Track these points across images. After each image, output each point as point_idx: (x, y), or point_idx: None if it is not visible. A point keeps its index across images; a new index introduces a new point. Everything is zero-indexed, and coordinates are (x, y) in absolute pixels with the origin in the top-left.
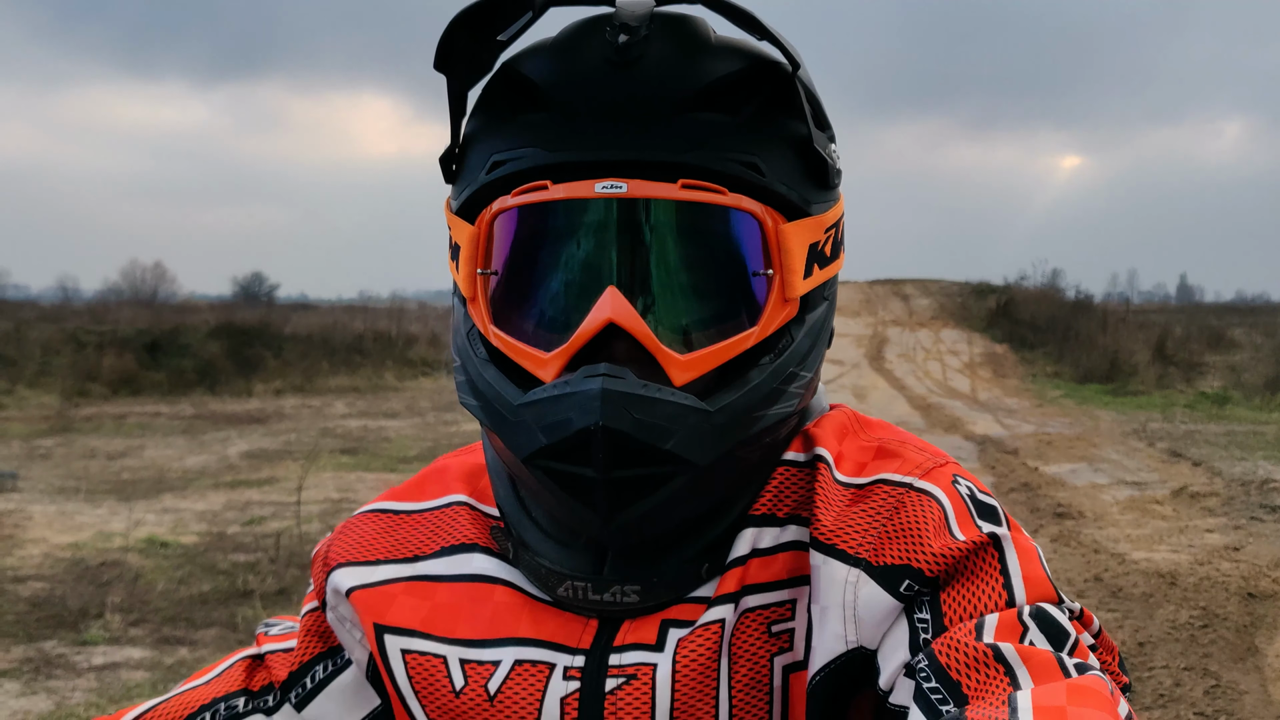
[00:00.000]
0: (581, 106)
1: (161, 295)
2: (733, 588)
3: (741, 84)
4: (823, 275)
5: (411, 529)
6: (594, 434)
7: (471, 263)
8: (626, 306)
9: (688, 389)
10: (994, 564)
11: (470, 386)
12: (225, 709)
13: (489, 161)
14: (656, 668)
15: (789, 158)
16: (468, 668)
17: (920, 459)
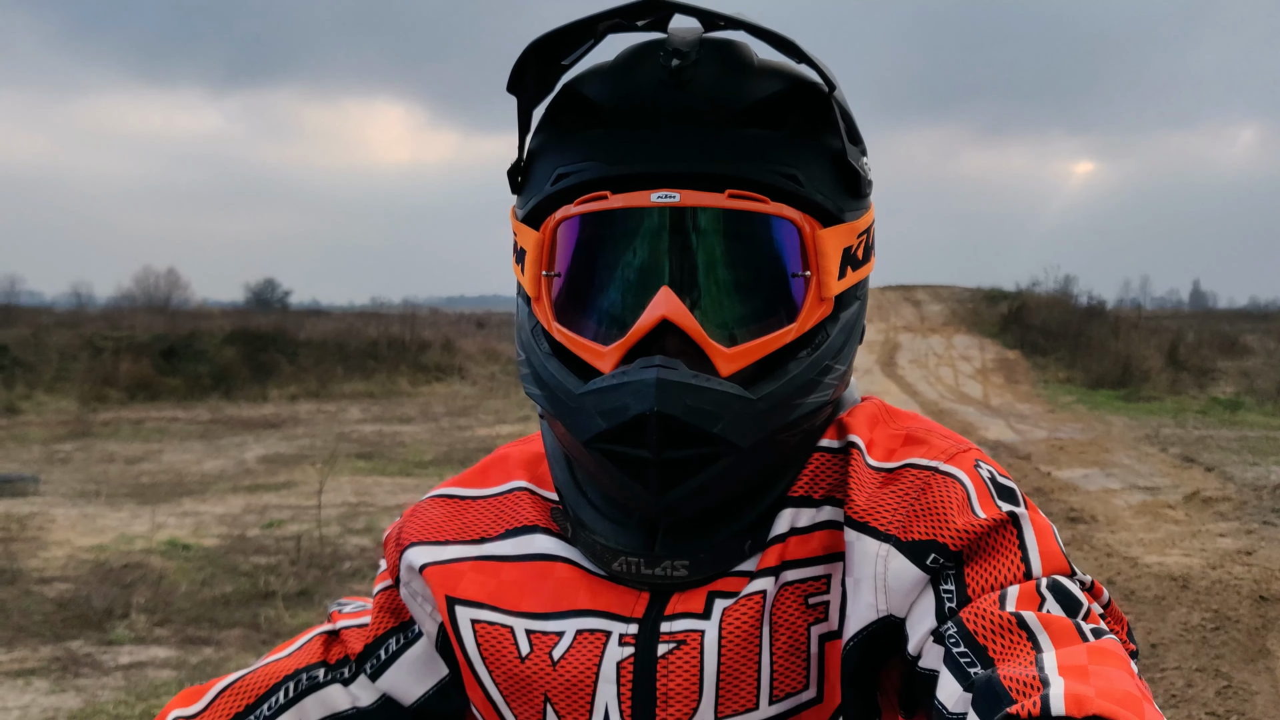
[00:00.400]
0: (638, 123)
1: (175, 302)
2: (773, 562)
3: (782, 102)
4: (855, 277)
5: (477, 513)
6: (649, 419)
7: (537, 265)
8: (679, 304)
9: (733, 379)
10: (1013, 540)
11: (535, 378)
12: (307, 679)
13: (554, 174)
14: (704, 634)
15: (825, 169)
16: (533, 637)
17: (945, 445)
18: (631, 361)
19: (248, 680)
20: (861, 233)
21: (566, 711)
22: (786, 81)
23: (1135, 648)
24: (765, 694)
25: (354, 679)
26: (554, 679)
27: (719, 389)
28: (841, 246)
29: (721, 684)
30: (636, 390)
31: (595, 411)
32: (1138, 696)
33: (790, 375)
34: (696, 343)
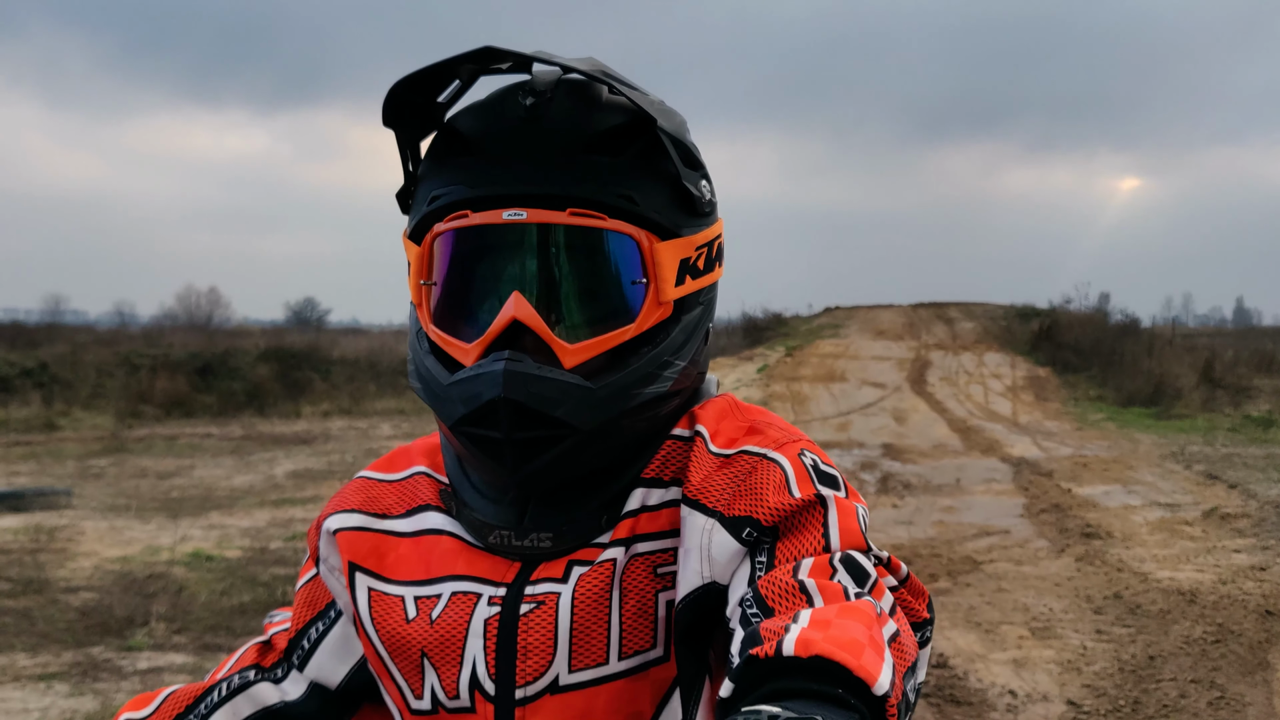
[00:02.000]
0: (498, 152)
1: (216, 320)
2: (625, 535)
3: (622, 133)
4: (695, 285)
5: (384, 493)
6: (499, 404)
7: (417, 275)
8: (527, 307)
9: (578, 371)
10: (818, 518)
11: (416, 373)
12: (238, 679)
13: (430, 196)
14: (560, 596)
15: (661, 191)
16: (419, 602)
17: (778, 435)
18: (488, 356)
19: (189, 688)
20: (701, 245)
21: (440, 664)
22: (626, 116)
23: (929, 616)
24: (615, 650)
25: (285, 677)
26: (430, 635)
27: (560, 379)
28: (679, 258)
29: (575, 640)
30: (489, 380)
31: (458, 399)
32: (862, 643)
33: (630, 368)
34: (544, 340)
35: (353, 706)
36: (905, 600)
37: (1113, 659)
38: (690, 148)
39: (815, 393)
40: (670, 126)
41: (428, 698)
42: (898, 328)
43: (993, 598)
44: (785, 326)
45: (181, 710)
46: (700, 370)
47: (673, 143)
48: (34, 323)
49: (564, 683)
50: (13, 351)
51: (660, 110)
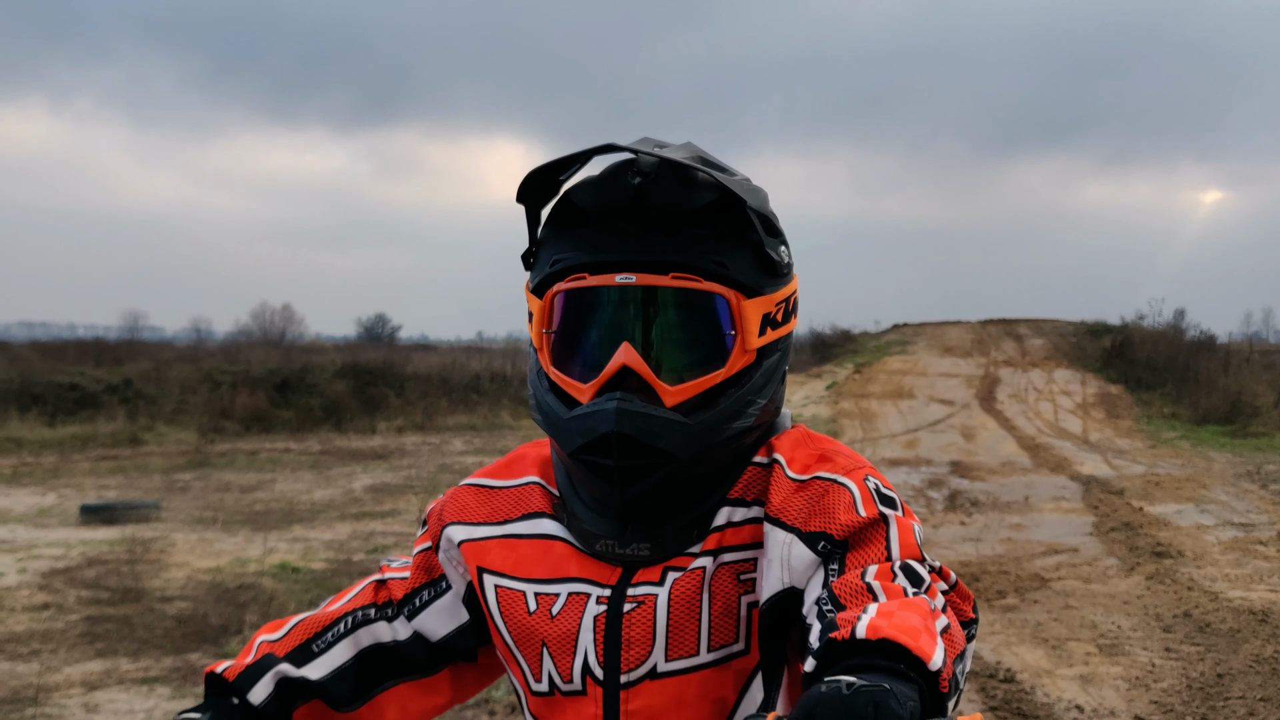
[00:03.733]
0: (610, 224)
1: (290, 336)
2: (713, 546)
3: (714, 209)
4: (775, 334)
5: (501, 500)
6: (611, 436)
7: (539, 325)
8: (635, 355)
9: (678, 409)
10: (881, 533)
11: (538, 407)
12: (360, 615)
13: (552, 259)
14: (658, 597)
15: (748, 257)
16: (539, 598)
17: (846, 463)
18: (601, 396)
19: (316, 616)
20: (780, 301)
21: (557, 653)
22: (718, 194)
23: (974, 617)
24: (704, 644)
25: (395, 618)
26: (551, 629)
27: (663, 415)
28: (762, 313)
29: (671, 634)
30: (603, 416)
31: (575, 432)
32: (919, 629)
33: (720, 407)
34: (649, 382)
35: (445, 660)
36: (954, 602)
37: (1181, 677)
38: (771, 218)
39: (883, 409)
40: (755, 202)
41: (546, 681)
42: (966, 344)
43: (1060, 614)
44: (853, 343)
45: (311, 635)
46: (777, 406)
47: (757, 216)
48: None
49: (661, 670)
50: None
51: (747, 189)
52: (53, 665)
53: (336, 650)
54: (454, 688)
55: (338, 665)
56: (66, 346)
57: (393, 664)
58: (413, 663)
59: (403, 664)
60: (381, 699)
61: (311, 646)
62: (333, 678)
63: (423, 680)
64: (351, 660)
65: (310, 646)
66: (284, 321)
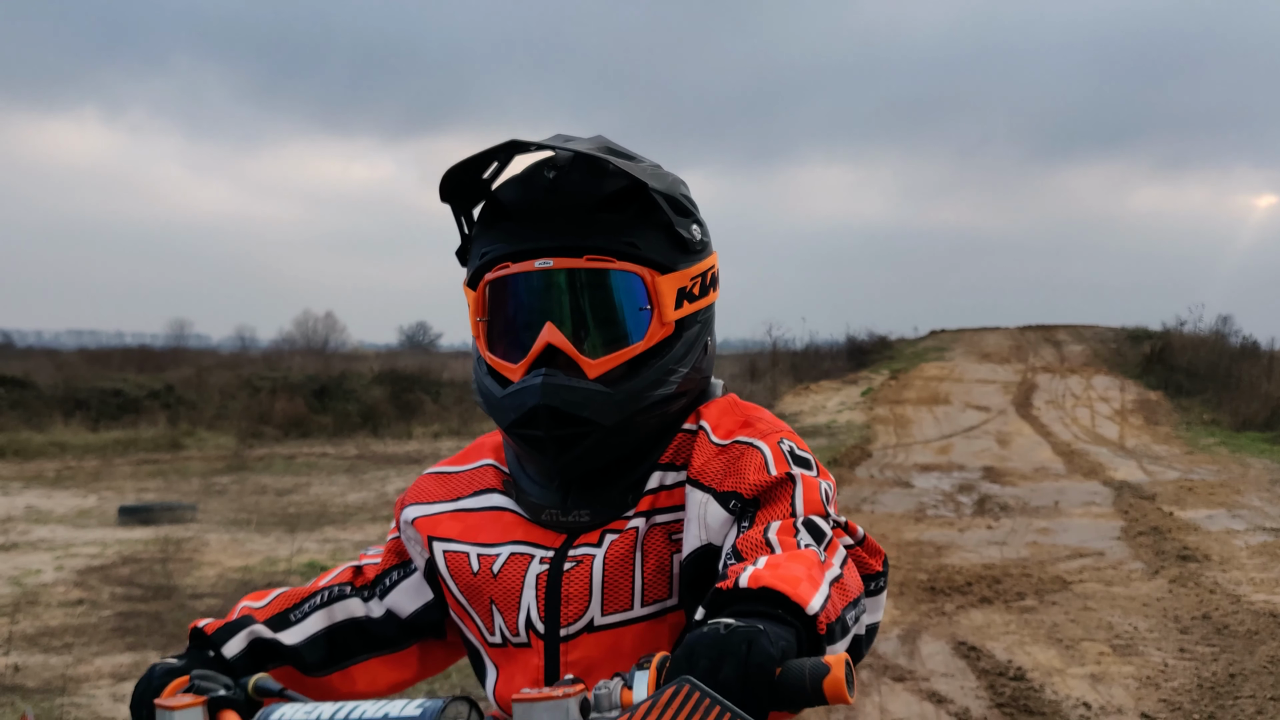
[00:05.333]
0: (529, 216)
1: (332, 345)
2: (646, 508)
3: (623, 196)
4: (692, 307)
5: (457, 481)
6: (539, 409)
7: (475, 314)
8: (557, 333)
9: (601, 380)
10: (789, 491)
11: (478, 389)
12: (337, 590)
13: (481, 253)
14: (595, 557)
15: (659, 237)
16: (481, 559)
17: (765, 428)
18: (530, 373)
19: (297, 590)
20: (695, 276)
21: (504, 608)
22: (626, 181)
23: (882, 570)
24: (638, 598)
25: (370, 598)
26: (495, 587)
27: (586, 387)
28: (677, 287)
29: (606, 590)
30: (530, 391)
31: (509, 408)
32: (800, 578)
33: (641, 376)
34: (572, 358)
35: (415, 636)
36: (860, 556)
37: (1193, 676)
38: (681, 200)
39: (918, 416)
40: (662, 186)
41: (498, 634)
42: (1004, 350)
43: (1078, 616)
44: (890, 350)
45: (290, 606)
46: (704, 375)
47: (664, 198)
48: (160, 347)
49: (598, 624)
50: (141, 374)
51: (652, 175)
52: (84, 658)
53: (311, 620)
54: (421, 663)
55: (311, 634)
56: (111, 354)
57: (365, 638)
58: (383, 638)
59: (374, 639)
60: (354, 670)
61: (289, 615)
62: (305, 645)
63: (392, 655)
64: (324, 631)
65: (288, 615)
66: (326, 329)
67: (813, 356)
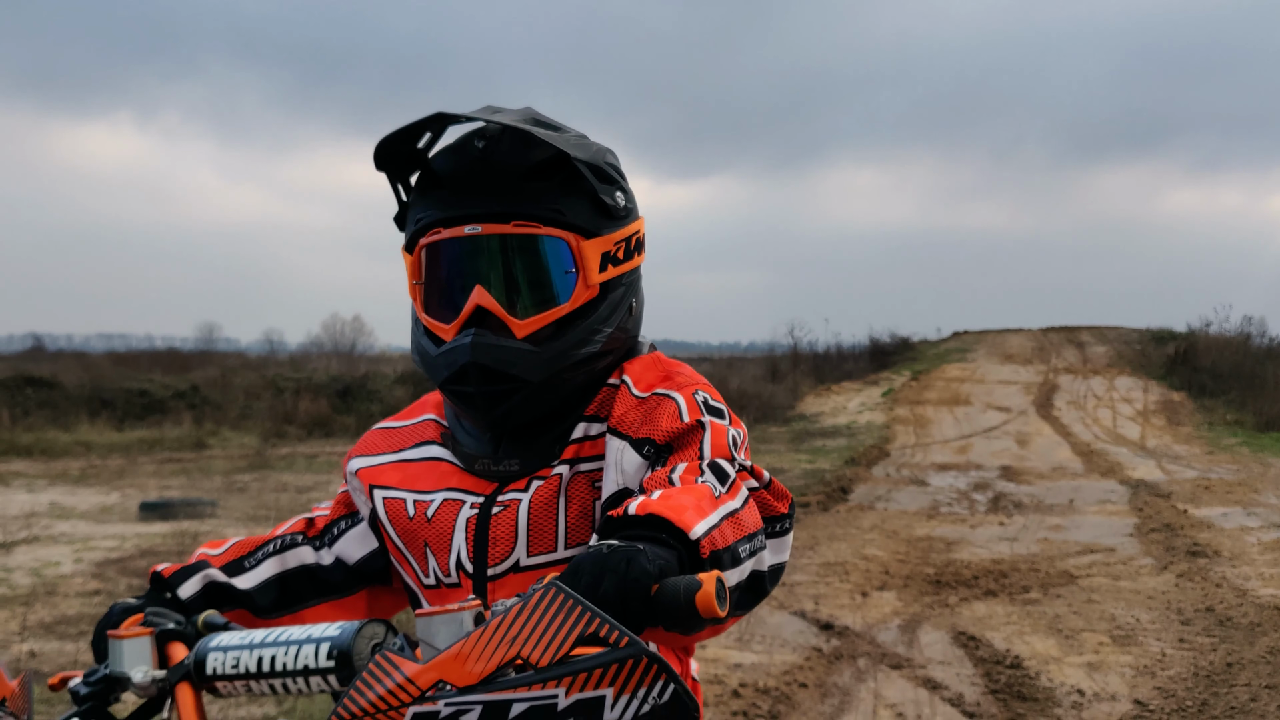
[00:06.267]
0: (460, 184)
1: (360, 348)
2: (570, 456)
3: (550, 165)
4: (617, 270)
5: (399, 435)
6: (469, 367)
7: (411, 277)
8: (486, 295)
9: (529, 340)
10: (698, 437)
11: (415, 349)
12: (289, 539)
13: (416, 219)
14: (521, 501)
15: (584, 204)
16: (416, 504)
17: (682, 380)
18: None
19: (252, 539)
20: (619, 241)
21: (436, 550)
22: (552, 151)
23: (787, 512)
24: (562, 541)
25: (320, 547)
26: (429, 530)
27: (514, 346)
28: (601, 251)
29: (531, 533)
30: (461, 350)
31: (442, 366)
32: (686, 507)
33: (567, 336)
34: (500, 319)
35: (362, 582)
36: (766, 499)
37: (1190, 665)
38: (605, 168)
39: (939, 416)
40: (586, 155)
41: (432, 575)
42: (1026, 352)
43: (1081, 608)
44: (912, 351)
45: (245, 554)
46: (630, 334)
47: (588, 167)
48: (188, 350)
49: (523, 564)
50: (167, 375)
51: (577, 145)
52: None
53: (264, 566)
54: (370, 608)
55: (264, 579)
56: (139, 356)
57: (315, 584)
58: (332, 583)
59: (324, 585)
60: (304, 614)
61: (243, 562)
62: (258, 589)
63: (341, 600)
64: (276, 576)
65: (242, 562)
66: (354, 333)
67: (835, 358)
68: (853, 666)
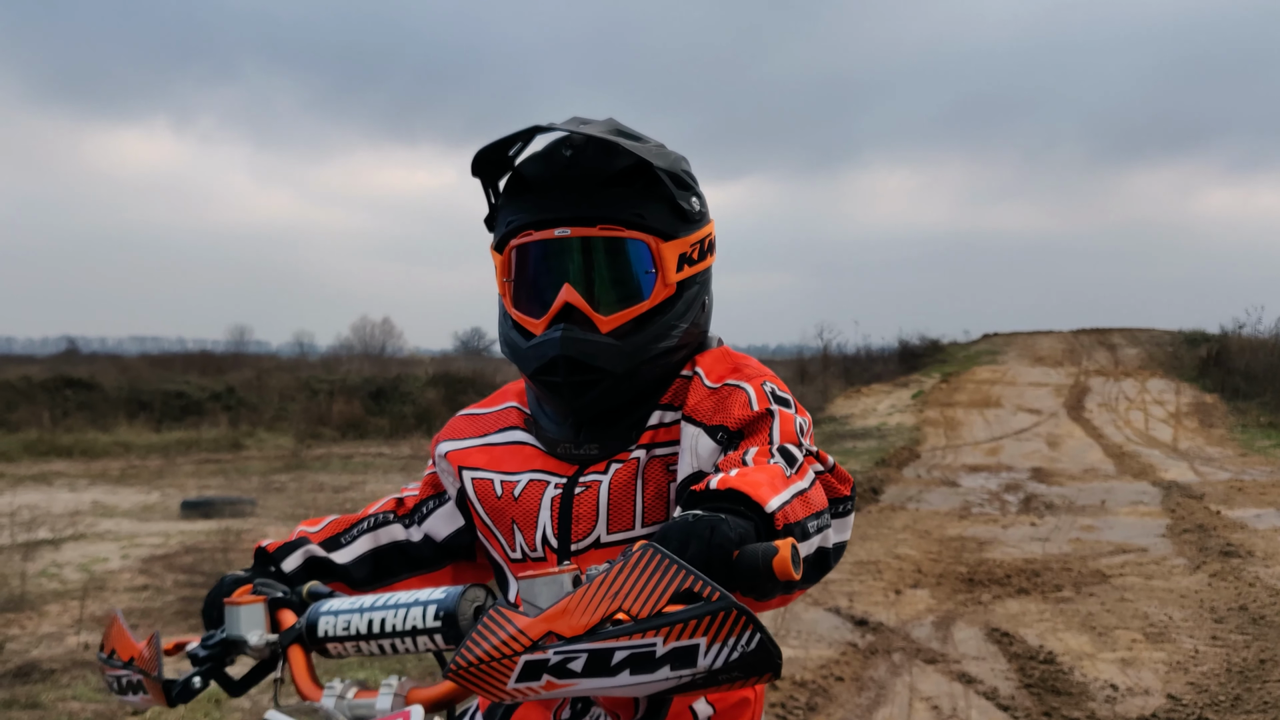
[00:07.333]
0: (549, 189)
1: (389, 350)
2: (647, 441)
3: (632, 172)
4: (692, 270)
5: (485, 421)
6: (558, 359)
7: (501, 275)
8: (574, 293)
9: (612, 335)
10: (767, 424)
11: (504, 341)
12: (381, 517)
13: (506, 221)
14: (601, 483)
15: (663, 208)
16: (503, 484)
17: (751, 372)
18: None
19: (347, 516)
20: (694, 243)
21: (523, 527)
22: (634, 159)
23: (849, 494)
24: (639, 519)
25: (410, 524)
26: (516, 508)
27: (599, 340)
28: (678, 253)
29: (611, 511)
30: (551, 344)
31: (532, 358)
32: (761, 483)
33: (647, 331)
34: (586, 314)
35: (448, 557)
36: (830, 482)
37: (1222, 661)
38: (682, 175)
39: (969, 418)
40: (664, 163)
41: (519, 550)
42: (1057, 354)
43: (1114, 606)
44: (942, 353)
45: (341, 530)
46: (702, 329)
47: (667, 175)
48: (220, 352)
49: (604, 540)
50: (203, 377)
51: (657, 154)
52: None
53: (359, 542)
54: (455, 581)
55: (359, 554)
56: (174, 358)
57: (406, 559)
58: (421, 558)
59: (413, 559)
60: (396, 587)
61: (340, 539)
62: (354, 564)
63: (429, 574)
64: (370, 552)
65: (339, 538)
66: (383, 335)
67: (864, 360)
68: (888, 661)
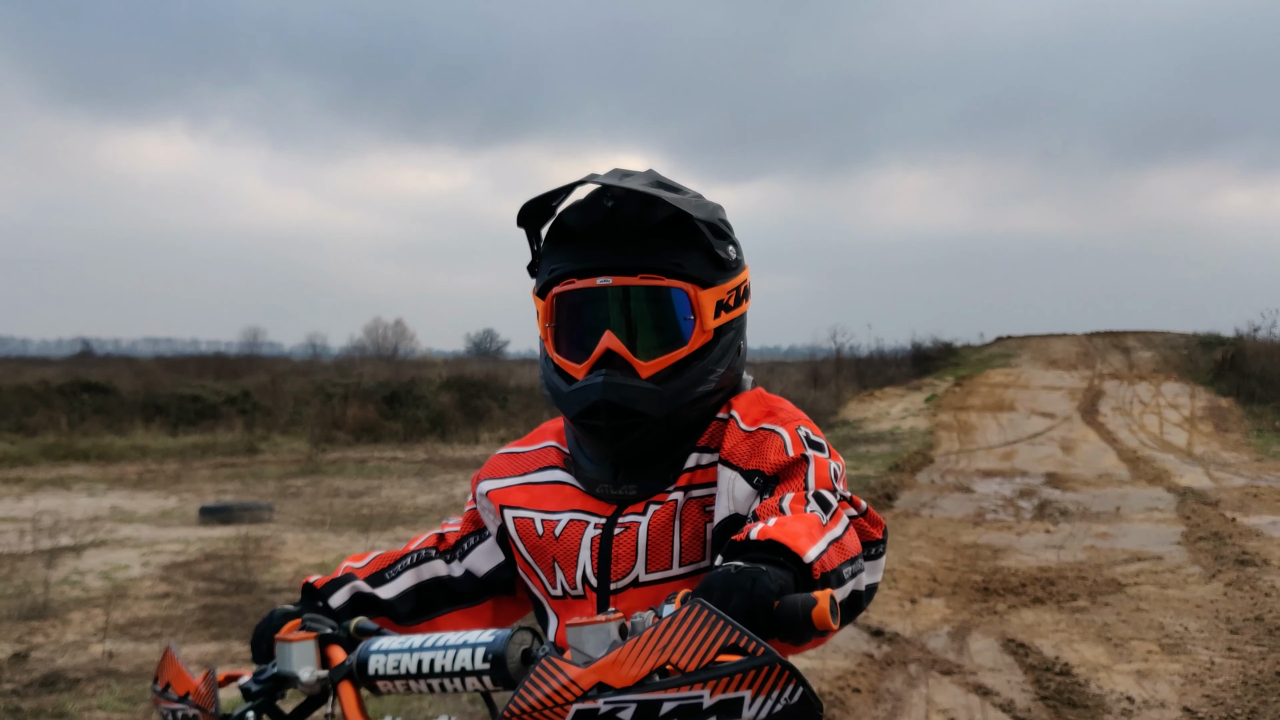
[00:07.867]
0: (590, 239)
1: (401, 352)
2: (684, 483)
3: (672, 222)
4: (729, 316)
5: (524, 460)
6: (600, 404)
7: (544, 320)
8: (615, 340)
9: (651, 380)
10: (803, 469)
11: (546, 385)
12: (424, 553)
13: (550, 269)
14: (640, 524)
15: (701, 258)
16: (544, 523)
17: (785, 417)
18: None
19: (390, 553)
20: (731, 290)
21: (564, 565)
22: (672, 211)
23: (881, 538)
24: (676, 559)
25: (451, 560)
26: (557, 547)
27: (639, 385)
28: (715, 300)
29: (649, 552)
30: (593, 388)
31: (574, 402)
32: (800, 533)
33: (686, 376)
34: (627, 360)
35: (489, 592)
36: (863, 526)
37: (1239, 674)
38: (719, 224)
39: (982, 422)
40: (703, 214)
41: (559, 588)
42: (1071, 357)
43: (1130, 616)
44: (955, 356)
45: (385, 566)
46: (737, 373)
47: (705, 225)
48: (234, 354)
49: (643, 580)
50: (218, 381)
51: (695, 205)
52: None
53: (403, 578)
54: (495, 616)
55: (403, 589)
56: (189, 361)
57: (448, 594)
58: (463, 594)
59: (455, 595)
60: (438, 621)
61: (385, 574)
62: (398, 599)
63: (470, 608)
64: (414, 587)
65: (384, 574)
66: (396, 337)
67: (877, 363)
68: (904, 672)
